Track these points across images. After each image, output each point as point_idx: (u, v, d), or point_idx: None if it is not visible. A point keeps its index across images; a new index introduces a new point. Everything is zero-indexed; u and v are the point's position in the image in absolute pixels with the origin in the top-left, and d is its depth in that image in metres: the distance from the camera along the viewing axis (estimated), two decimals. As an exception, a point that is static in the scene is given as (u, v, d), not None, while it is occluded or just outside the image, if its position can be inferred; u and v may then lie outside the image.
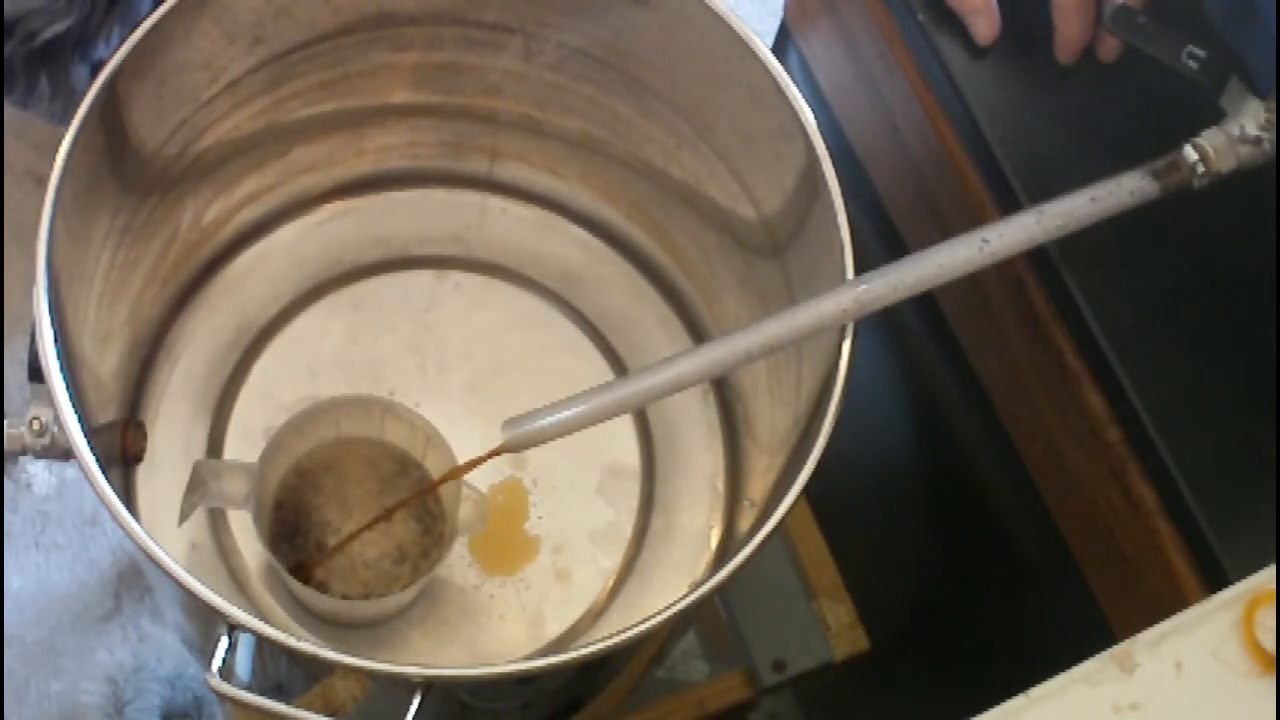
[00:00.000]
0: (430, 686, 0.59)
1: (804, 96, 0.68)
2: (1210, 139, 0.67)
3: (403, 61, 0.78)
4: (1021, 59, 0.75)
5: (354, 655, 0.58)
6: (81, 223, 0.67)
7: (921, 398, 0.92)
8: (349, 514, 0.75)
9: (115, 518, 0.59)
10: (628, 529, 0.80)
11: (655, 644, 0.77)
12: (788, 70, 0.69)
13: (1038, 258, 0.72)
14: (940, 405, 0.89)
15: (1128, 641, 0.56)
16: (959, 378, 0.82)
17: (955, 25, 0.76)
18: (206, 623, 0.67)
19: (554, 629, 0.78)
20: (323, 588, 0.74)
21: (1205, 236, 0.72)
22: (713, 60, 0.71)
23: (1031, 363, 0.74)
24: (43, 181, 0.63)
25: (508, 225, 0.86)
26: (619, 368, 0.84)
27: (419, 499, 0.75)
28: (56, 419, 0.60)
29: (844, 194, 0.67)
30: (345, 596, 0.74)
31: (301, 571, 0.74)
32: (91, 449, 0.59)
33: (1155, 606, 0.62)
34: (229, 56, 0.72)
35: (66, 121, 0.63)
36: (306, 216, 0.84)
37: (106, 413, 0.73)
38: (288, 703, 0.59)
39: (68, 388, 0.60)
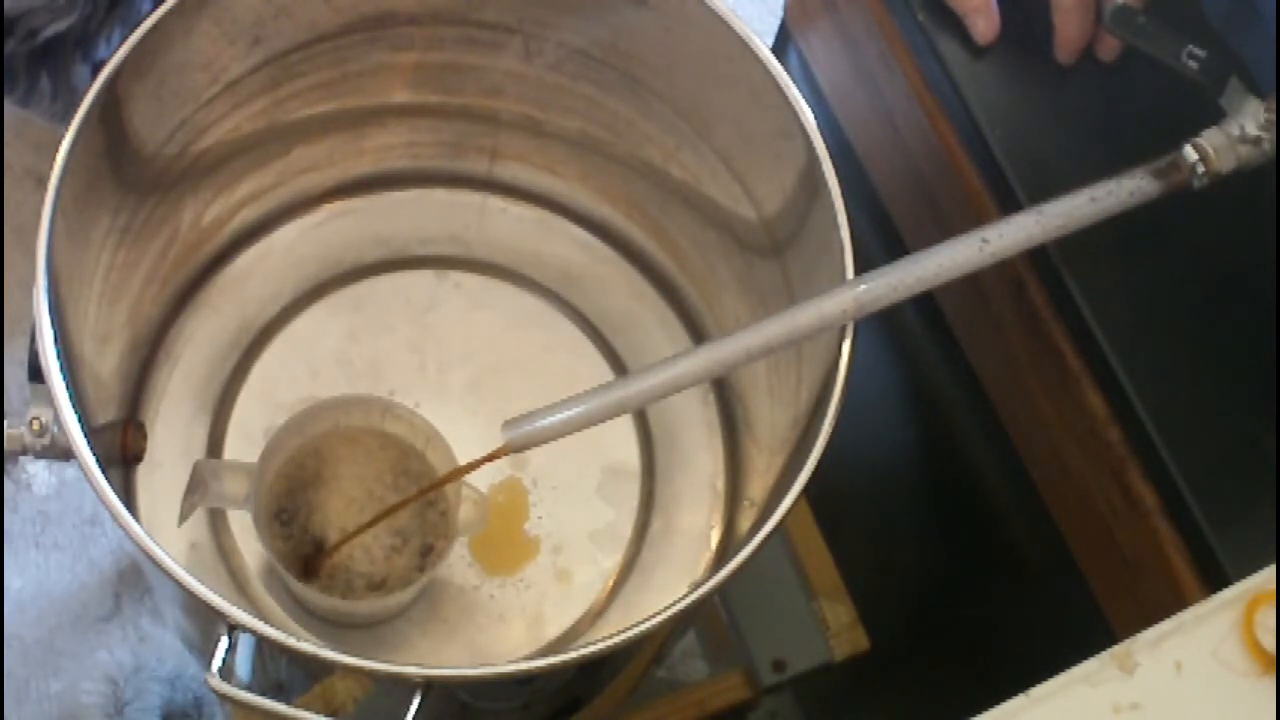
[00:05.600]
0: (430, 686, 0.59)
1: (804, 96, 0.68)
2: (1210, 139, 0.67)
3: (403, 61, 0.78)
4: (1021, 59, 0.75)
5: (354, 655, 0.58)
6: (81, 223, 0.67)
7: (921, 398, 0.92)
8: (351, 511, 0.75)
9: (115, 518, 0.59)
10: (628, 529, 0.80)
11: (655, 644, 0.77)
12: (788, 70, 0.69)
13: (1038, 258, 0.72)
14: (940, 405, 0.89)
15: (1128, 641, 0.56)
16: (959, 378, 0.82)
17: (955, 25, 0.76)
18: (206, 623, 0.67)
19: (554, 629, 0.78)
20: (323, 586, 0.74)
21: (1205, 236, 0.72)
22: (713, 60, 0.71)
23: (1031, 363, 0.74)
24: (43, 181, 0.63)
25: (508, 225, 0.86)
26: (619, 368, 0.84)
27: (420, 497, 0.75)
28: (56, 419, 0.60)
29: (844, 194, 0.67)
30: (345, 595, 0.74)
31: (304, 569, 0.74)
32: (91, 449, 0.59)
33: (1155, 606, 0.62)
34: (229, 56, 0.72)
35: (67, 121, 0.63)
36: (306, 216, 0.84)
37: (106, 413, 0.73)
38: (288, 703, 0.59)
39: (68, 388, 0.60)
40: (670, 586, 0.79)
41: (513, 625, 0.77)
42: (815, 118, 0.68)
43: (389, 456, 0.76)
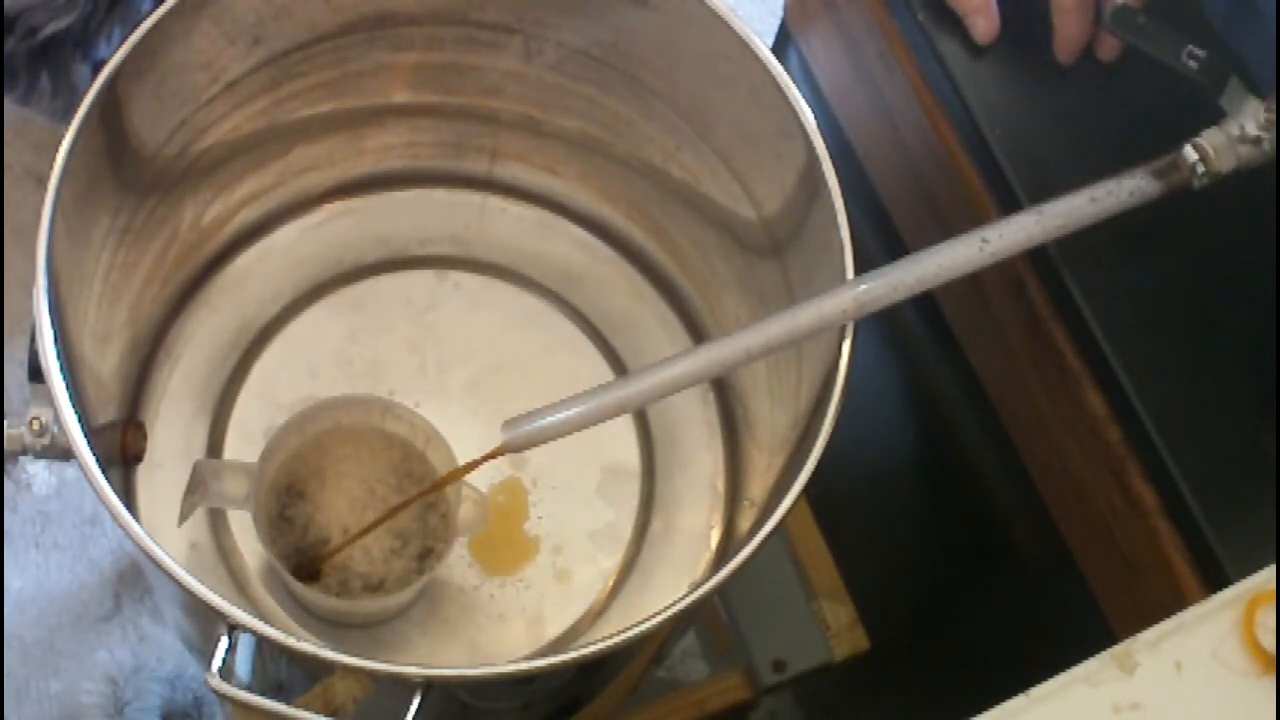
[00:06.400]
0: (430, 686, 0.59)
1: (804, 96, 0.68)
2: (1210, 139, 0.67)
3: (403, 61, 0.78)
4: (1021, 59, 0.75)
5: (354, 655, 0.58)
6: (81, 223, 0.67)
7: (921, 398, 0.92)
8: (353, 511, 0.75)
9: (115, 518, 0.59)
10: (628, 529, 0.80)
11: (655, 644, 0.77)
12: (788, 70, 0.69)
13: (1038, 258, 0.72)
14: (940, 405, 0.89)
15: (1128, 641, 0.56)
16: (959, 378, 0.82)
17: (955, 25, 0.76)
18: (206, 623, 0.67)
19: (554, 629, 0.78)
20: (321, 586, 0.74)
21: (1205, 236, 0.72)
22: (713, 60, 0.71)
23: (1031, 363, 0.74)
24: (43, 181, 0.63)
25: (508, 225, 0.86)
26: (619, 368, 0.84)
27: (419, 499, 0.75)
28: (56, 419, 0.60)
29: (844, 194, 0.67)
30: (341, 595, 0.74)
31: (304, 569, 0.74)
32: (91, 449, 0.59)
33: (1155, 606, 0.62)
34: (229, 56, 0.72)
35: (67, 120, 0.63)
36: (306, 216, 0.84)
37: (106, 413, 0.73)
38: (288, 703, 0.59)
39: (68, 388, 0.60)
40: (670, 586, 0.79)
41: (513, 625, 0.77)
42: (815, 118, 0.68)
43: (393, 458, 0.76)
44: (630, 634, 0.59)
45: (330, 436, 0.75)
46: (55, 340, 0.61)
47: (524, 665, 0.61)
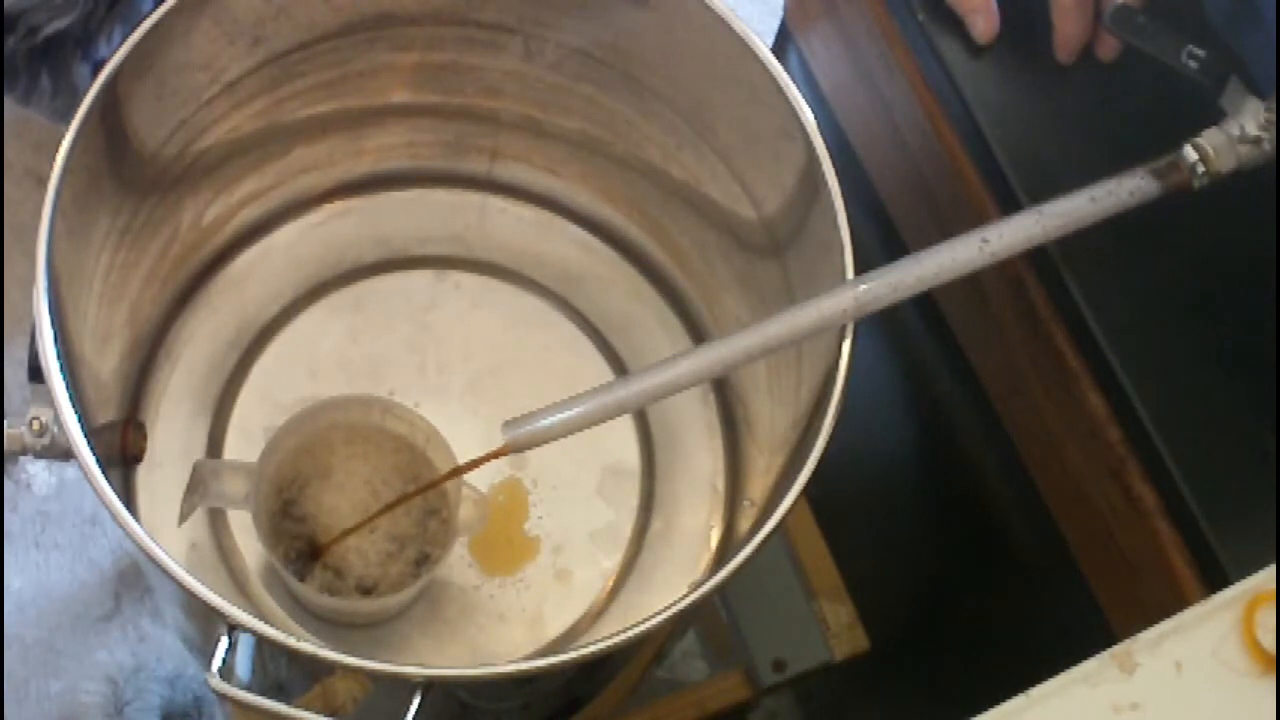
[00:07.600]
0: (430, 686, 0.59)
1: (804, 96, 0.68)
2: (1210, 139, 0.66)
3: (403, 61, 0.78)
4: (1021, 59, 0.75)
5: (354, 655, 0.58)
6: (81, 223, 0.67)
7: (921, 398, 0.92)
8: (356, 513, 0.75)
9: (115, 518, 0.59)
10: (628, 529, 0.80)
11: (655, 644, 0.77)
12: (788, 70, 0.69)
13: (1038, 258, 0.72)
14: (940, 405, 0.89)
15: (1128, 641, 0.56)
16: (959, 378, 0.82)
17: (955, 25, 0.76)
18: (206, 623, 0.67)
19: (554, 629, 0.78)
20: (319, 586, 0.74)
21: (1205, 236, 0.72)
22: (713, 60, 0.71)
23: (1031, 363, 0.74)
24: (43, 181, 0.63)
25: (508, 225, 0.86)
26: (619, 368, 0.84)
27: (416, 495, 0.75)
28: (56, 419, 0.60)
29: (844, 194, 0.67)
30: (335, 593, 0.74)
31: (304, 568, 0.74)
32: (91, 449, 0.59)
33: (1155, 606, 0.62)
34: (229, 56, 0.72)
35: (68, 119, 0.63)
36: (306, 216, 0.84)
37: (106, 413, 0.73)
38: (288, 703, 0.59)
39: (68, 388, 0.60)
40: (670, 586, 0.79)
41: (513, 625, 0.77)
42: (815, 118, 0.68)
43: (399, 460, 0.76)
44: (630, 634, 0.59)
45: (336, 435, 0.75)
46: (55, 340, 0.61)
47: (524, 665, 0.61)
